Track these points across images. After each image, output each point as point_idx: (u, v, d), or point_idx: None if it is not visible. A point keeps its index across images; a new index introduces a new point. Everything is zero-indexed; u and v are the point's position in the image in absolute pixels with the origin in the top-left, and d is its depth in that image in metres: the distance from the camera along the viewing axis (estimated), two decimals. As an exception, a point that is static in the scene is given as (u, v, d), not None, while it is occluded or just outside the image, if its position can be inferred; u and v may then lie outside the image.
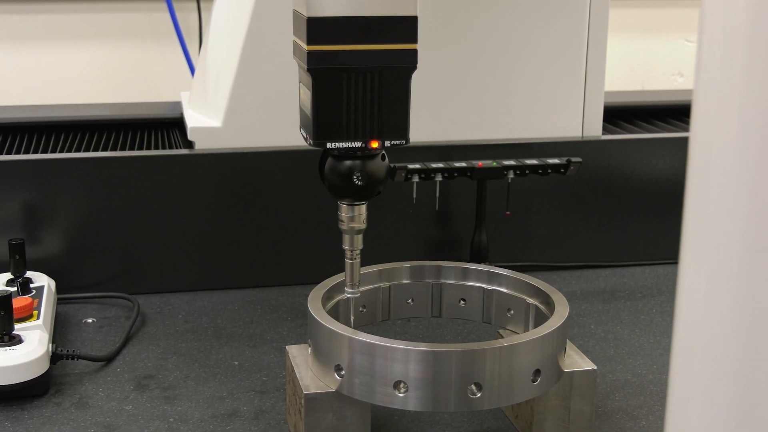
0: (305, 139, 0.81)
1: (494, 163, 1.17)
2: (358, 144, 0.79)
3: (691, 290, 0.45)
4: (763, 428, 0.43)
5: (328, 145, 0.78)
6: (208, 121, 1.25)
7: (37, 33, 1.77)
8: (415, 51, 0.78)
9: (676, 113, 1.54)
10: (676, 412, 0.47)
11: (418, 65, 0.79)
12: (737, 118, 0.42)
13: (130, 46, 1.81)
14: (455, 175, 1.16)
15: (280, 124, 1.21)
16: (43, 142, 1.33)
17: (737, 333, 0.43)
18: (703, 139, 0.44)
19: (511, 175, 1.17)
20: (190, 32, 1.78)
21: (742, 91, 0.41)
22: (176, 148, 1.27)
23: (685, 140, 1.25)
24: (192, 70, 1.72)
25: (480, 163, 1.16)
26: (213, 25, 1.33)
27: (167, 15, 1.74)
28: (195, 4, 1.78)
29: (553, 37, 1.27)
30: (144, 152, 1.23)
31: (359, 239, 0.84)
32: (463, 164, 1.16)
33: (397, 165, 1.13)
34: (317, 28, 0.76)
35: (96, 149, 1.29)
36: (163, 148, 1.29)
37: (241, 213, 1.22)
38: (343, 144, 0.78)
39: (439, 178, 1.15)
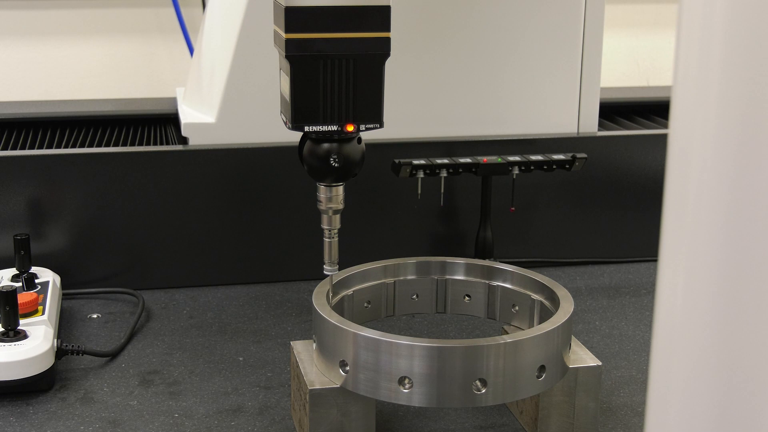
0: (285, 123, 0.84)
1: (499, 159, 1.16)
2: (335, 127, 0.82)
3: (669, 290, 0.45)
4: (742, 428, 0.43)
5: (306, 129, 0.82)
6: (202, 117, 1.25)
7: (43, 29, 1.77)
8: (388, 39, 0.81)
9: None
10: (656, 411, 0.47)
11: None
12: (715, 114, 0.42)
13: (136, 41, 1.81)
14: (460, 171, 1.16)
15: (274, 119, 1.19)
16: (48, 137, 1.33)
17: (716, 332, 0.43)
18: (682, 137, 0.44)
19: (516, 171, 1.17)
20: (196, 28, 1.78)
21: (720, 88, 0.41)
22: (172, 144, 1.27)
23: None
24: (197, 65, 1.72)
25: (485, 159, 1.16)
26: (207, 21, 1.33)
27: (173, 11, 1.74)
28: (200, 0, 1.77)
29: (550, 33, 1.27)
30: (137, 148, 1.23)
31: (337, 219, 0.86)
32: (468, 160, 1.16)
33: (402, 161, 1.13)
34: (295, 17, 0.79)
35: (99, 145, 1.29)
36: (160, 143, 1.28)
37: (243, 209, 1.22)
38: (320, 127, 0.82)
39: (444, 173, 1.15)
